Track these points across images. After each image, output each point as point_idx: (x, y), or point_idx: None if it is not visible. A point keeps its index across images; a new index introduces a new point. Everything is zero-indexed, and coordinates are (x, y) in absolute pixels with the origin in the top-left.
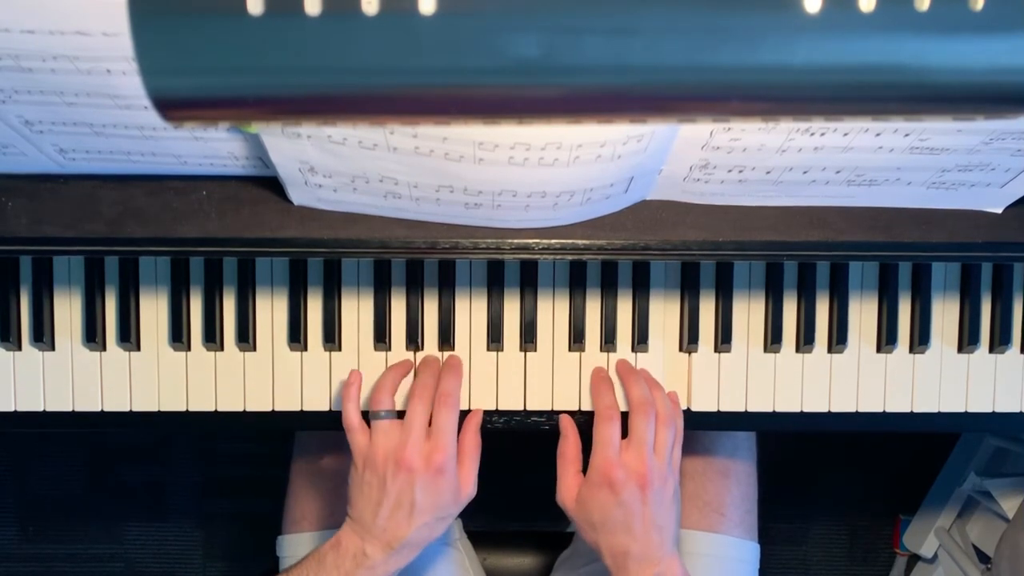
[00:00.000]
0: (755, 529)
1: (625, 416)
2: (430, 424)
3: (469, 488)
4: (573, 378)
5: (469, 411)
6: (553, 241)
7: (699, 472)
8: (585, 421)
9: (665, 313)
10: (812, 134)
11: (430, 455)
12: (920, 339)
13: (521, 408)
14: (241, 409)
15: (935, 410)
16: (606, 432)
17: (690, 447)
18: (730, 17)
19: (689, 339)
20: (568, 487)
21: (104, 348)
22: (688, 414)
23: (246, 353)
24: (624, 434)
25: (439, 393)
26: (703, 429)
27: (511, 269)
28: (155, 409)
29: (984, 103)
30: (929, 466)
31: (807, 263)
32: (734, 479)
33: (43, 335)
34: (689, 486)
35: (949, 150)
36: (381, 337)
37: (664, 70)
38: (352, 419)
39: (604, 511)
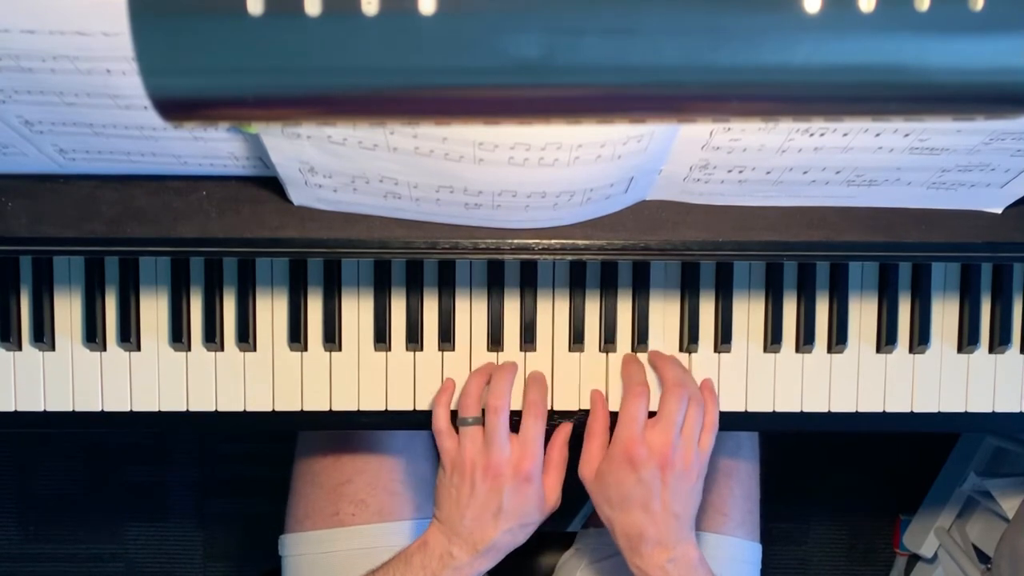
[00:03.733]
0: (757, 529)
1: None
2: (514, 431)
3: (554, 498)
4: (573, 378)
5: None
6: (553, 241)
7: None
8: (584, 422)
9: (665, 313)
10: (812, 134)
11: (519, 463)
12: (920, 339)
13: (521, 408)
14: (241, 409)
15: (935, 410)
16: (632, 408)
17: None
18: (730, 17)
19: (689, 339)
20: (590, 460)
21: (104, 348)
22: None
23: (246, 353)
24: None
25: (527, 402)
26: None
27: (511, 269)
28: (155, 409)
29: (984, 103)
30: (929, 466)
31: (807, 263)
32: (736, 479)
33: (43, 335)
34: None
35: (949, 150)
36: (381, 337)
37: (664, 70)
38: (442, 423)
39: (622, 488)
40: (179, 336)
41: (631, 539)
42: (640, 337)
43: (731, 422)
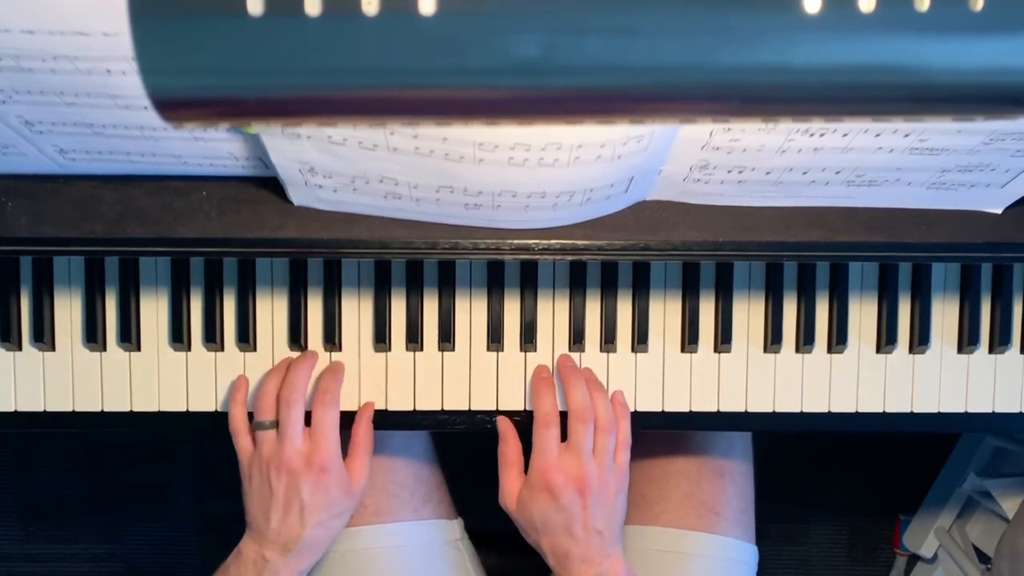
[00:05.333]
0: (752, 530)
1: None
2: (309, 424)
3: (361, 481)
4: None
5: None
6: (553, 241)
7: (694, 472)
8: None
9: (665, 313)
10: (812, 135)
11: (311, 455)
12: (920, 339)
13: (522, 408)
14: None
15: (935, 410)
16: (543, 437)
17: (684, 447)
18: (730, 17)
19: (689, 339)
20: (510, 490)
21: (104, 348)
22: (688, 415)
23: (246, 353)
24: (565, 437)
25: (317, 391)
26: (703, 430)
27: (511, 269)
28: (155, 409)
29: (984, 103)
30: (929, 466)
31: (807, 263)
32: (729, 479)
33: (43, 335)
34: (684, 486)
35: (949, 150)
36: (381, 337)
37: (664, 70)
38: (237, 423)
39: (544, 515)
40: (179, 336)
41: (558, 558)
42: (640, 337)
43: (731, 422)
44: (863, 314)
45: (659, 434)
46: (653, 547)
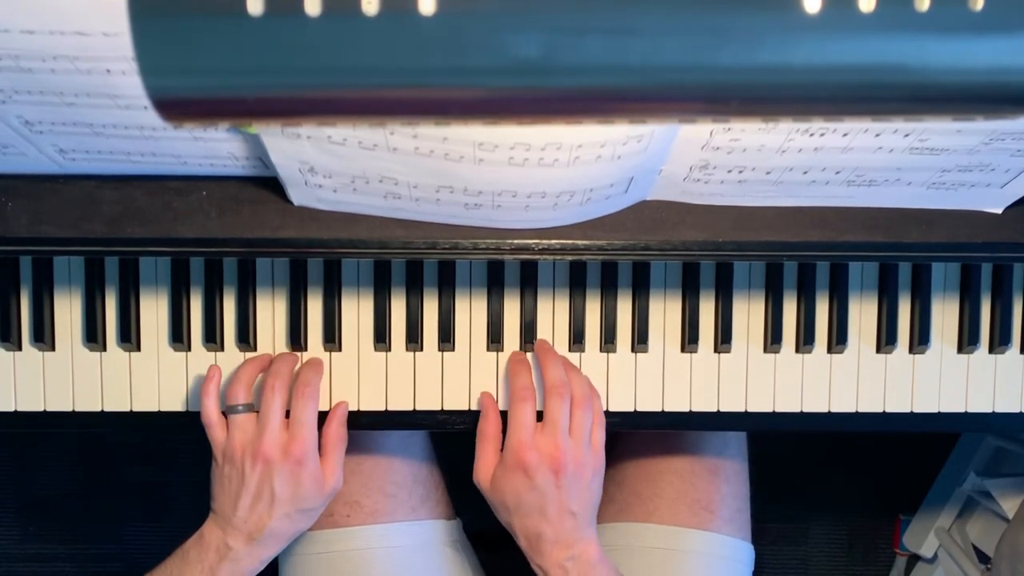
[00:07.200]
0: (748, 528)
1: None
2: (288, 416)
3: (334, 480)
4: None
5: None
6: (553, 241)
7: (687, 470)
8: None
9: (665, 313)
10: (812, 134)
11: (288, 446)
12: (920, 339)
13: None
14: None
15: (935, 410)
16: (519, 412)
17: (679, 445)
18: (730, 17)
19: (689, 339)
20: (485, 466)
21: (104, 348)
22: (688, 415)
23: (246, 353)
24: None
25: (297, 384)
26: (703, 430)
27: (511, 269)
28: (155, 409)
29: (984, 103)
30: (929, 466)
31: (807, 263)
32: (723, 477)
33: (43, 335)
34: (678, 484)
35: (949, 150)
36: (381, 337)
37: (664, 70)
38: (211, 415)
39: (518, 494)
40: (179, 336)
41: (530, 540)
42: (640, 337)
43: (731, 422)
44: (863, 314)
45: (653, 433)
46: (647, 544)
